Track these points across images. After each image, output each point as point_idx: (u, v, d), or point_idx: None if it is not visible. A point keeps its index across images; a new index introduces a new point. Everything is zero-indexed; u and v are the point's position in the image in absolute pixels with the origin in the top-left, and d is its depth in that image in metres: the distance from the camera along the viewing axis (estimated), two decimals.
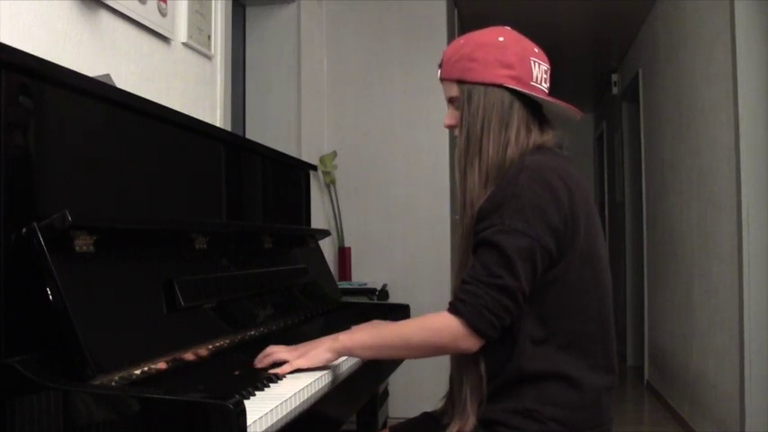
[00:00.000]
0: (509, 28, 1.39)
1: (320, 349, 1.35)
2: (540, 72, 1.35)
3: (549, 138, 1.36)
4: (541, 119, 1.38)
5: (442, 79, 1.40)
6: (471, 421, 1.28)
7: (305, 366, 1.35)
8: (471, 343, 1.24)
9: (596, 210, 1.35)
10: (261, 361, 1.39)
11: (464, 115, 1.34)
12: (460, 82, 1.35)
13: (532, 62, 1.34)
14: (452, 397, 1.36)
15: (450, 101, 1.38)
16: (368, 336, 1.34)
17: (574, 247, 1.26)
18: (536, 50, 1.37)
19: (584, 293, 1.28)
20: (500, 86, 1.32)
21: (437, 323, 1.26)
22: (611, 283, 1.36)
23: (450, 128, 1.40)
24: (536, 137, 1.34)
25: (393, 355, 1.35)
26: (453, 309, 1.24)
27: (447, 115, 1.40)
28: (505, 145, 1.31)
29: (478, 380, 1.29)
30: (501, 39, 1.34)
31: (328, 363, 1.37)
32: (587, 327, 1.29)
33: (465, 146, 1.34)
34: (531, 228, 1.22)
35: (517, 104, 1.32)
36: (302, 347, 1.38)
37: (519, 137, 1.32)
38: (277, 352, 1.38)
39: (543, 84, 1.36)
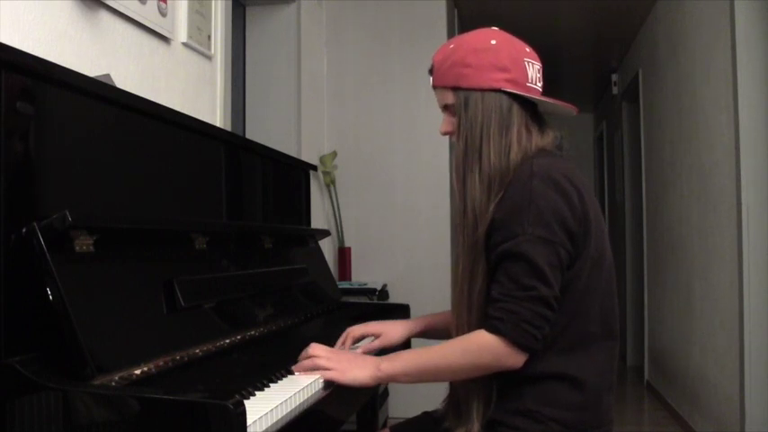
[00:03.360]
0: (497, 29, 1.37)
1: (361, 375, 1.32)
2: (534, 72, 1.34)
3: (549, 139, 1.35)
4: (540, 120, 1.37)
5: (434, 86, 1.37)
6: (476, 427, 1.28)
7: (339, 381, 1.32)
8: (516, 360, 1.22)
9: (600, 210, 1.35)
10: (301, 362, 1.36)
11: (461, 122, 1.32)
12: (456, 89, 1.33)
13: (526, 63, 1.33)
14: (456, 401, 1.35)
15: (445, 108, 1.37)
16: (409, 362, 1.31)
17: (586, 250, 1.26)
18: (528, 50, 1.35)
19: (590, 294, 1.28)
20: (497, 91, 1.30)
21: (478, 344, 1.23)
22: (615, 283, 1.36)
23: (447, 135, 1.39)
24: (537, 138, 1.33)
25: (436, 379, 1.31)
26: (493, 328, 1.21)
27: (443, 122, 1.38)
28: (507, 149, 1.29)
29: (485, 385, 1.29)
30: (493, 42, 1.32)
31: (364, 386, 1.33)
32: (593, 327, 1.28)
33: (463, 153, 1.32)
34: (554, 233, 1.21)
35: (515, 107, 1.31)
36: (344, 361, 1.35)
37: (521, 140, 1.30)
38: (319, 357, 1.35)
39: (538, 83, 1.35)
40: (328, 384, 1.34)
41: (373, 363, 1.33)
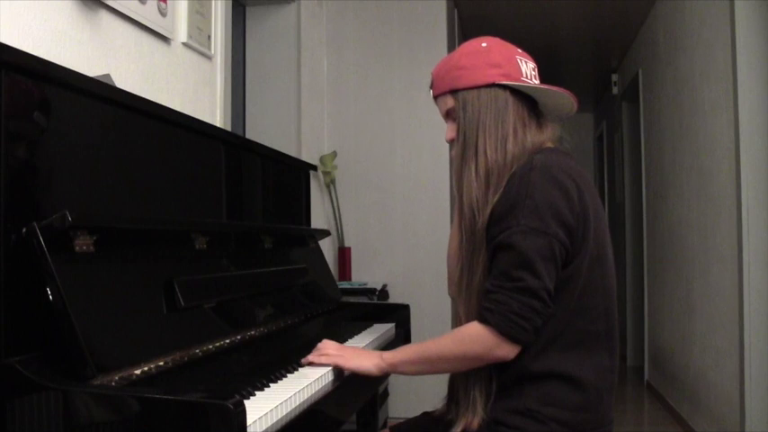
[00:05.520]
0: (489, 36, 1.40)
1: (366, 363, 1.40)
2: (528, 69, 1.36)
3: (548, 134, 1.36)
4: (538, 115, 1.38)
5: (435, 97, 1.40)
6: (479, 416, 1.28)
7: (344, 367, 1.42)
8: (507, 350, 1.23)
9: (602, 208, 1.35)
10: (312, 355, 1.46)
11: (460, 122, 1.34)
12: (453, 91, 1.35)
13: (519, 60, 1.35)
14: (456, 396, 1.35)
15: (448, 114, 1.39)
16: (409, 353, 1.37)
17: (585, 246, 1.26)
18: (519, 51, 1.39)
19: (592, 293, 1.28)
20: (492, 86, 1.32)
21: (469, 335, 1.26)
22: (615, 282, 1.36)
23: (452, 141, 1.39)
24: (535, 133, 1.34)
25: (435, 370, 1.35)
26: (482, 319, 1.23)
27: (447, 130, 1.40)
28: (504, 142, 1.30)
29: (485, 377, 1.30)
30: (484, 44, 1.36)
31: (368, 374, 1.41)
32: (594, 326, 1.29)
33: (462, 149, 1.33)
34: (547, 225, 1.21)
35: (512, 101, 1.33)
36: (350, 351, 1.46)
37: (517, 133, 1.31)
38: (328, 348, 1.46)
39: (534, 80, 1.36)
40: (328, 384, 1.35)
41: (377, 353, 1.41)
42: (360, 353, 1.45)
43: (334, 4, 3.83)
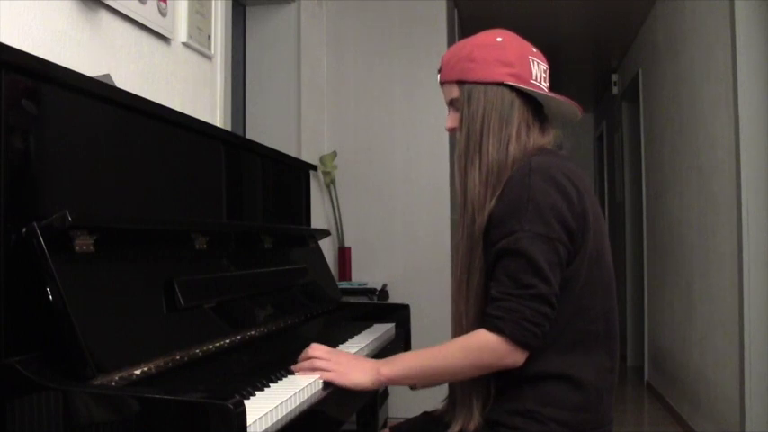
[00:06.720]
0: (505, 30, 1.39)
1: (362, 378, 1.31)
2: (539, 71, 1.35)
3: (550, 138, 1.36)
4: (542, 118, 1.38)
5: (441, 83, 1.39)
6: (476, 420, 1.28)
7: (338, 384, 1.32)
8: (517, 357, 1.22)
9: (601, 209, 1.35)
10: (301, 363, 1.37)
11: (464, 115, 1.34)
12: (460, 82, 1.35)
13: (531, 61, 1.34)
14: (454, 398, 1.35)
15: (451, 103, 1.38)
16: (410, 365, 1.30)
17: (585, 247, 1.26)
18: (534, 50, 1.37)
19: (591, 293, 1.28)
20: (500, 84, 1.32)
21: (478, 344, 1.23)
22: (615, 283, 1.36)
23: (452, 131, 1.39)
24: (537, 136, 1.34)
25: (437, 381, 1.31)
26: (493, 327, 1.21)
27: (448, 118, 1.40)
28: (507, 143, 1.30)
29: (483, 380, 1.29)
30: (499, 39, 1.35)
31: (364, 389, 1.33)
32: (593, 326, 1.29)
33: (465, 145, 1.33)
34: (552, 230, 1.21)
35: (518, 102, 1.32)
36: (344, 363, 1.34)
37: (520, 135, 1.31)
38: (318, 359, 1.35)
39: (543, 83, 1.36)
40: (328, 384, 1.34)
41: (373, 366, 1.33)
42: (354, 364, 1.34)
43: (334, 4, 3.83)
